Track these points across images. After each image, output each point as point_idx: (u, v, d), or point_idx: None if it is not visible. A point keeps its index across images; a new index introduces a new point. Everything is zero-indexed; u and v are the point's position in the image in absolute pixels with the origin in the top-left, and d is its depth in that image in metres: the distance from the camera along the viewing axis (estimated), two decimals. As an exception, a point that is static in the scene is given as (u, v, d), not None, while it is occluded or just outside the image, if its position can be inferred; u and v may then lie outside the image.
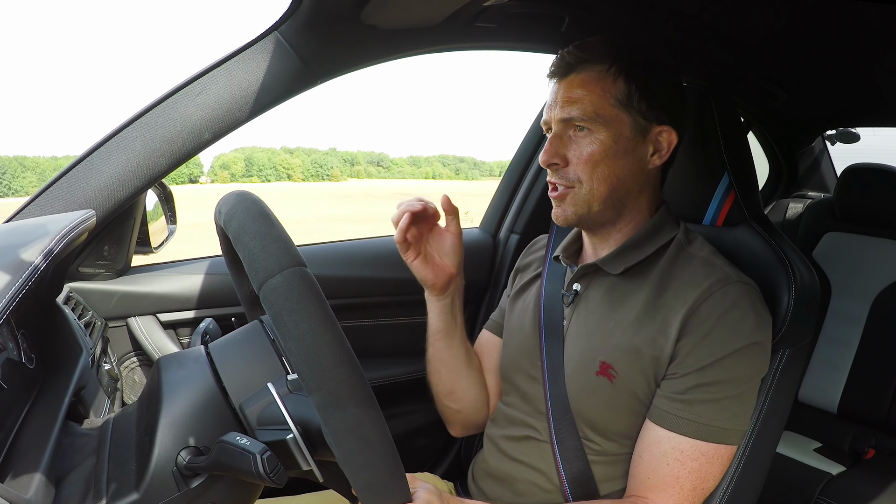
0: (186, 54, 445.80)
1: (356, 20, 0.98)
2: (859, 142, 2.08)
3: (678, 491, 0.79)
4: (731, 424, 0.79)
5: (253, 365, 0.65)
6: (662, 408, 0.81)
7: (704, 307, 0.79)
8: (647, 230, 0.88)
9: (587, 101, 0.83)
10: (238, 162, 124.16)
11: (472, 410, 1.05)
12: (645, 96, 0.83)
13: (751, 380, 0.81)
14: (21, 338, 0.71)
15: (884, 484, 1.46)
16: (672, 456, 0.79)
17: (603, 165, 0.83)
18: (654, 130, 0.85)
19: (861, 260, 1.76)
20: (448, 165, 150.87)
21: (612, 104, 0.83)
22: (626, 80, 0.83)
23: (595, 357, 0.85)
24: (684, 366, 0.79)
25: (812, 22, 1.15)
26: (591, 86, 0.83)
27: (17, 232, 0.84)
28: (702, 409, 0.78)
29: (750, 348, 0.79)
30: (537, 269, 1.04)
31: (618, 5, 1.11)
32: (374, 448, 0.51)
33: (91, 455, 0.64)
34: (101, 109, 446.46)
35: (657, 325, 0.81)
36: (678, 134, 0.86)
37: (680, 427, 0.79)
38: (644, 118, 0.84)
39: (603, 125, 0.82)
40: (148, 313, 1.20)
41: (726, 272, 0.82)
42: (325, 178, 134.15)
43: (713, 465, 0.80)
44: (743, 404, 0.81)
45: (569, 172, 0.85)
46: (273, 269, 0.51)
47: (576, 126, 0.84)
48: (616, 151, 0.83)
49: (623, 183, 0.85)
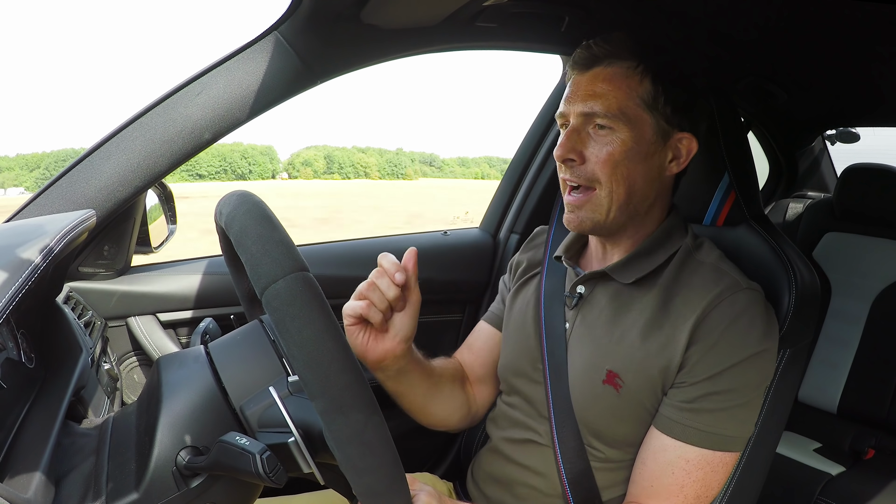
0: (186, 54, 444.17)
1: (356, 20, 0.98)
2: (859, 142, 2.08)
3: (682, 500, 0.78)
4: (737, 432, 0.78)
5: (253, 365, 0.65)
6: (670, 417, 0.79)
7: (714, 315, 0.77)
8: (657, 237, 0.86)
9: (612, 96, 0.79)
10: (319, 159, 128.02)
11: (446, 417, 1.00)
12: (670, 100, 0.81)
13: (759, 387, 0.80)
14: (21, 337, 0.71)
15: (884, 484, 1.46)
16: (678, 465, 0.78)
17: (622, 167, 0.79)
18: (675, 137, 0.83)
19: (861, 260, 1.76)
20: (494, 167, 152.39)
21: (637, 103, 0.80)
22: (654, 82, 0.80)
23: (601, 365, 0.83)
24: (693, 374, 0.78)
25: (812, 22, 1.15)
26: (617, 81, 0.80)
27: (17, 231, 0.84)
28: (710, 419, 0.77)
29: (759, 356, 0.78)
30: (537, 267, 1.01)
31: (618, 5, 1.11)
32: (375, 453, 0.51)
33: (91, 455, 0.64)
34: (101, 109, 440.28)
35: (665, 334, 0.80)
36: (697, 142, 0.84)
37: (688, 437, 0.78)
38: (667, 123, 0.81)
39: (626, 124, 0.79)
40: (148, 313, 1.20)
41: (735, 279, 0.80)
42: (400, 176, 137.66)
43: (718, 472, 0.79)
44: (750, 411, 0.80)
45: (586, 170, 0.81)
46: (276, 274, 0.51)
47: (596, 123, 0.80)
48: (637, 154, 0.80)
49: (640, 188, 0.82)
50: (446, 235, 1.64)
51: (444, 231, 1.66)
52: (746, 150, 1.02)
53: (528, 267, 1.03)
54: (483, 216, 1.73)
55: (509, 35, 1.18)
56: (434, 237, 1.63)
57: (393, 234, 1.67)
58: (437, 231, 1.66)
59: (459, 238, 1.65)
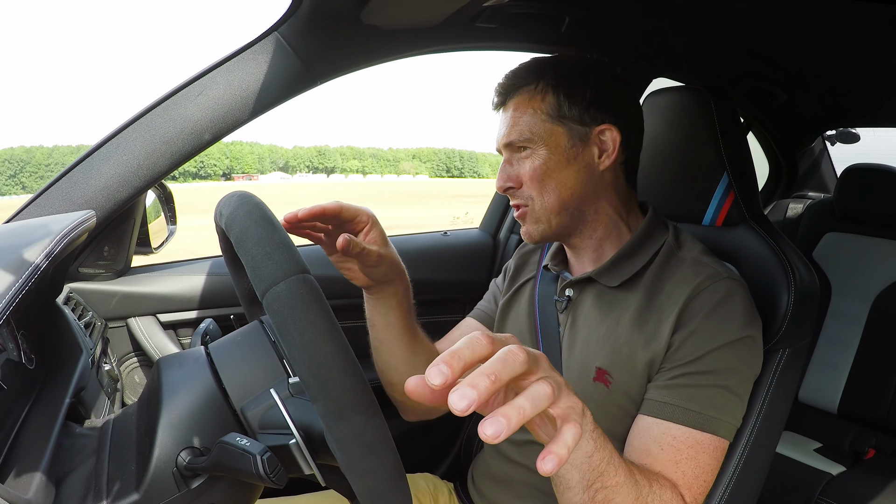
0: (186, 54, 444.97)
1: (356, 20, 0.98)
2: (859, 142, 2.08)
3: (681, 476, 0.76)
4: (719, 415, 0.77)
5: (253, 366, 0.65)
6: (650, 398, 0.80)
7: (694, 304, 0.79)
8: (637, 238, 0.87)
9: (522, 122, 0.85)
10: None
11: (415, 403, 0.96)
12: (575, 102, 0.84)
13: (740, 373, 0.79)
14: (21, 338, 0.71)
15: (884, 484, 1.46)
16: (665, 441, 0.77)
17: (549, 178, 0.85)
18: (595, 132, 0.85)
19: (861, 260, 1.76)
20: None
21: (543, 120, 0.84)
22: (554, 93, 0.84)
23: (591, 363, 0.85)
24: (673, 360, 0.79)
25: (812, 21, 1.15)
26: (523, 107, 0.85)
27: (17, 232, 0.84)
28: (688, 395, 0.77)
29: (741, 342, 0.78)
30: (530, 274, 1.03)
31: (618, 5, 1.11)
32: (377, 454, 0.51)
33: (91, 456, 0.64)
34: (101, 109, 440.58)
35: (650, 329, 0.81)
36: (621, 130, 0.85)
37: (667, 413, 0.77)
38: (580, 124, 0.84)
39: (539, 142, 0.84)
40: (148, 314, 1.21)
41: (715, 269, 0.82)
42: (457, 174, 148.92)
43: (708, 455, 0.77)
44: (732, 397, 0.78)
45: (523, 192, 0.87)
46: (277, 276, 0.51)
47: (518, 148, 0.86)
48: (558, 162, 0.84)
49: (574, 191, 0.85)
50: (446, 236, 1.64)
51: (444, 231, 1.67)
52: (746, 151, 1.02)
53: (522, 273, 1.04)
54: (483, 217, 1.73)
55: (509, 36, 1.19)
56: (434, 237, 1.63)
57: (393, 235, 1.67)
58: (438, 231, 1.67)
59: (459, 238, 1.65)
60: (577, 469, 0.64)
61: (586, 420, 0.58)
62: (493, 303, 1.08)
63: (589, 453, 0.63)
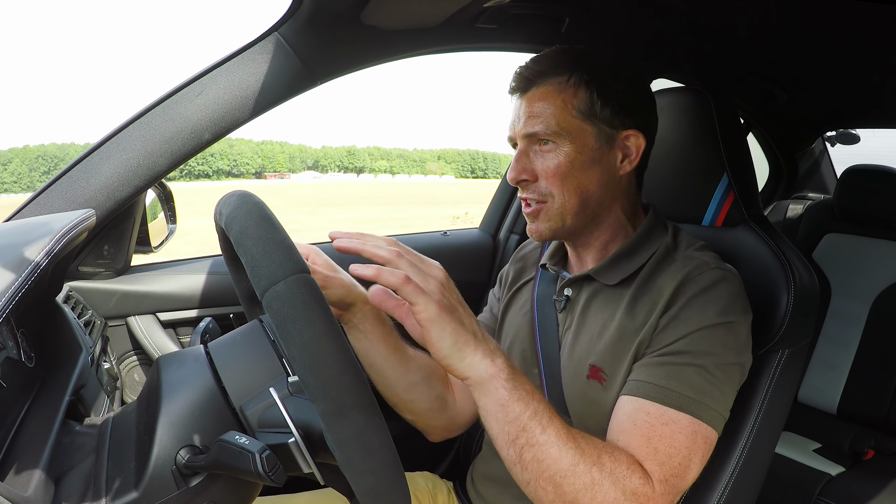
0: (186, 54, 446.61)
1: (356, 21, 0.98)
2: (859, 143, 2.08)
3: (652, 452, 0.71)
4: (697, 396, 0.74)
5: (253, 365, 0.65)
6: (630, 379, 0.78)
7: (680, 290, 0.79)
8: (637, 238, 0.87)
9: (549, 114, 0.81)
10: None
11: (423, 409, 0.97)
12: (608, 103, 0.82)
13: (720, 357, 0.76)
14: (21, 336, 0.71)
15: (884, 484, 1.46)
16: (638, 417, 0.73)
17: (571, 177, 0.82)
18: (621, 136, 0.84)
19: (861, 261, 1.76)
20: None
21: (574, 115, 0.81)
22: (587, 90, 0.82)
23: (585, 361, 0.85)
24: (654, 344, 0.78)
25: (812, 22, 1.15)
26: (552, 98, 0.82)
27: (17, 231, 0.84)
28: (662, 373, 0.75)
29: (723, 326, 0.76)
30: (529, 275, 1.02)
31: (618, 6, 1.11)
32: (376, 454, 0.51)
33: (90, 454, 0.64)
34: (101, 109, 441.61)
35: (640, 319, 0.81)
36: (646, 137, 0.85)
37: (641, 390, 0.75)
38: (609, 126, 0.83)
39: (567, 138, 0.81)
40: (147, 312, 1.21)
41: (704, 260, 0.81)
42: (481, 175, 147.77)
43: (685, 436, 0.72)
44: (710, 378, 0.75)
45: (540, 187, 0.84)
46: (277, 275, 0.51)
47: (540, 140, 0.83)
48: (583, 162, 0.82)
49: (594, 193, 0.84)
50: (446, 236, 1.64)
51: (444, 231, 1.67)
52: (745, 151, 1.02)
53: (519, 277, 1.04)
54: (483, 217, 1.73)
55: (509, 36, 1.19)
56: (434, 237, 1.63)
57: (392, 235, 1.67)
58: (438, 231, 1.67)
59: (459, 238, 1.65)
60: (492, 418, 0.66)
61: (498, 363, 0.65)
62: (490, 314, 1.07)
63: (502, 401, 0.64)
